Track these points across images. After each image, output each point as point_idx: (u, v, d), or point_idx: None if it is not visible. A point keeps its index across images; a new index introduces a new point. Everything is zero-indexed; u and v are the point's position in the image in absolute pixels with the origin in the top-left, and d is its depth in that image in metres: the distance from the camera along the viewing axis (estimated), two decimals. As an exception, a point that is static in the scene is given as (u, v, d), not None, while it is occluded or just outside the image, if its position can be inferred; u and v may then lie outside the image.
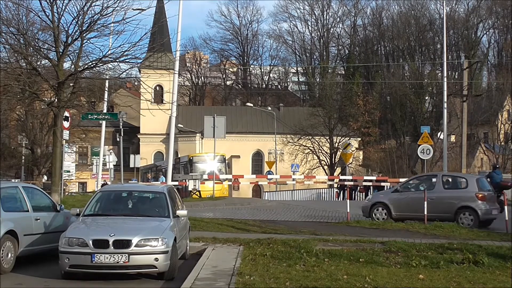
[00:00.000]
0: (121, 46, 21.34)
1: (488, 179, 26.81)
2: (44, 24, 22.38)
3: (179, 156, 61.58)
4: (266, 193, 53.55)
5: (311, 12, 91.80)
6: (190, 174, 39.10)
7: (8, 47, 23.17)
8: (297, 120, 67.30)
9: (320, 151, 66.15)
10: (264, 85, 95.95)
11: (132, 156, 57.32)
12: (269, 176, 49.90)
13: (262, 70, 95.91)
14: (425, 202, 19.69)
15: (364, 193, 40.84)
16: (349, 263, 12.85)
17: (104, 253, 11.44)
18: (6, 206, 12.87)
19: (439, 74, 71.37)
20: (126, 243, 11.54)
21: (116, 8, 21.19)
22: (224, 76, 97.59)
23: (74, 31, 21.11)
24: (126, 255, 11.47)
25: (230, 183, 43.77)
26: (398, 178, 45.57)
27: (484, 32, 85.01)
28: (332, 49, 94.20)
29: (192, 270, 12.02)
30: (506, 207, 18.47)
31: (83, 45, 21.58)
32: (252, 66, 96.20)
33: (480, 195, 20.24)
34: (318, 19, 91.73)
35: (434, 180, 21.71)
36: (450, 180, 22.13)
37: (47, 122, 42.39)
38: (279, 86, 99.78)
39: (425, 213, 19.73)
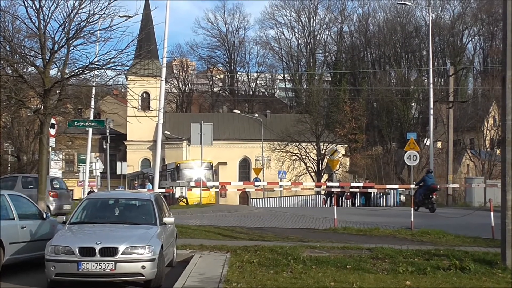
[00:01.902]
0: (108, 53, 21.29)
1: (422, 183, 29.39)
2: (30, 31, 22.32)
3: (166, 163, 61.48)
4: (253, 200, 53.54)
5: (298, 19, 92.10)
6: (177, 181, 39.03)
7: (-6, 54, 23.06)
8: (284, 126, 67.43)
9: (307, 157, 66.27)
10: (251, 92, 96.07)
11: (119, 163, 57.15)
12: (256, 183, 49.81)
13: (249, 77, 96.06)
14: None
15: (351, 200, 40.95)
16: (336, 270, 12.85)
17: (90, 261, 11.39)
18: (-9, 214, 12.82)
19: (425, 80, 71.77)
20: (112, 251, 11.50)
21: (103, 15, 21.16)
22: (211, 83, 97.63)
23: (60, 38, 21.05)
24: (113, 263, 11.43)
25: (217, 190, 43.73)
26: (385, 184, 45.78)
27: (470, 38, 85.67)
28: (319, 56, 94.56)
29: (179, 277, 11.98)
30: (492, 213, 18.55)
31: (70, 52, 21.51)
32: (239, 73, 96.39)
33: (52, 193, 24.50)
34: (304, 26, 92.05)
35: (16, 180, 25.41)
36: (31, 180, 25.51)
37: (33, 129, 42.15)
38: (266, 93, 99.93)
39: None
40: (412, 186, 35.81)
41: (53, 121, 24.18)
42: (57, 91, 21.91)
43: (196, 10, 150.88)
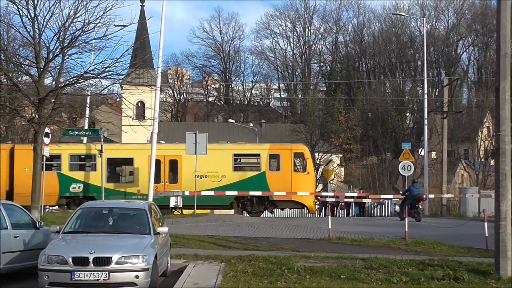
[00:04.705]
0: (103, 62, 21.40)
1: (408, 192, 29.46)
2: (25, 40, 22.37)
3: (160, 172, 61.20)
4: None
5: (293, 29, 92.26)
6: (172, 190, 38.92)
7: (-11, 63, 23.08)
8: (279, 136, 67.48)
9: (302, 167, 66.16)
10: (246, 102, 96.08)
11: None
12: (251, 193, 49.71)
13: (244, 86, 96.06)
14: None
15: (345, 210, 40.95)
16: (330, 280, 12.84)
17: (84, 271, 11.37)
18: (-16, 224, 12.77)
19: (420, 91, 71.89)
20: (106, 261, 11.48)
21: (98, 24, 21.28)
22: (206, 92, 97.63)
23: (55, 47, 21.13)
24: (106, 272, 11.40)
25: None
26: (380, 194, 45.77)
27: (464, 49, 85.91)
28: (313, 66, 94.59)
29: (173, 287, 11.96)
30: (486, 224, 18.61)
31: (64, 61, 21.59)
32: (234, 82, 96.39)
33: None
34: (300, 36, 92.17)
35: None
36: None
37: (28, 138, 42.11)
38: (261, 103, 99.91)
39: None
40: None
41: (47, 130, 24.13)
42: (52, 100, 21.94)
43: (191, 20, 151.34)
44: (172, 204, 33.58)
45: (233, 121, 76.59)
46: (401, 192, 32.32)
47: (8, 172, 33.06)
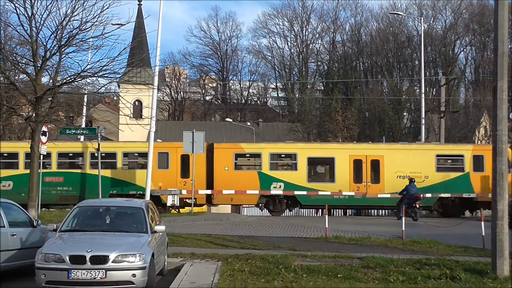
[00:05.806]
0: (100, 61, 21.36)
1: (405, 192, 29.60)
2: (22, 39, 22.33)
3: (158, 171, 61.11)
4: (245, 208, 53.43)
5: (291, 28, 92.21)
6: (169, 189, 38.94)
7: (-15, 61, 23.04)
8: (276, 135, 67.51)
9: (299, 166, 66.09)
10: (243, 101, 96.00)
11: (110, 171, 56.80)
12: (248, 192, 49.69)
13: (242, 85, 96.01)
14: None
15: (342, 209, 40.91)
16: (327, 279, 12.85)
17: (81, 269, 11.36)
18: (-19, 222, 12.76)
19: (417, 90, 71.91)
20: (103, 259, 11.47)
21: (95, 23, 21.23)
22: (203, 91, 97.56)
23: (52, 45, 21.09)
24: (103, 271, 11.40)
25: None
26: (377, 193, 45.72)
27: (461, 49, 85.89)
28: (311, 65, 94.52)
29: (170, 286, 11.96)
30: (483, 223, 18.64)
31: (62, 59, 21.55)
32: (231, 81, 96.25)
33: None
34: (297, 35, 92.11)
35: None
36: None
37: (25, 136, 42.06)
38: (258, 102, 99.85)
39: None
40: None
41: (44, 128, 24.11)
42: (49, 99, 21.92)
43: (189, 19, 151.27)
44: (169, 203, 33.59)
45: (231, 120, 76.56)
46: (398, 192, 32.39)
47: (206, 172, 33.21)
